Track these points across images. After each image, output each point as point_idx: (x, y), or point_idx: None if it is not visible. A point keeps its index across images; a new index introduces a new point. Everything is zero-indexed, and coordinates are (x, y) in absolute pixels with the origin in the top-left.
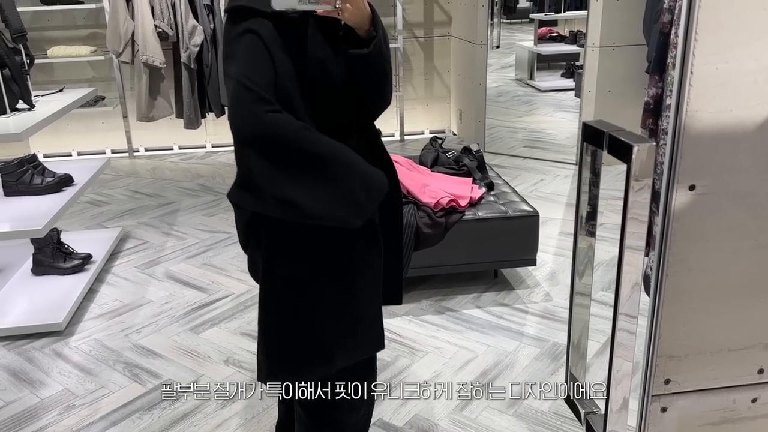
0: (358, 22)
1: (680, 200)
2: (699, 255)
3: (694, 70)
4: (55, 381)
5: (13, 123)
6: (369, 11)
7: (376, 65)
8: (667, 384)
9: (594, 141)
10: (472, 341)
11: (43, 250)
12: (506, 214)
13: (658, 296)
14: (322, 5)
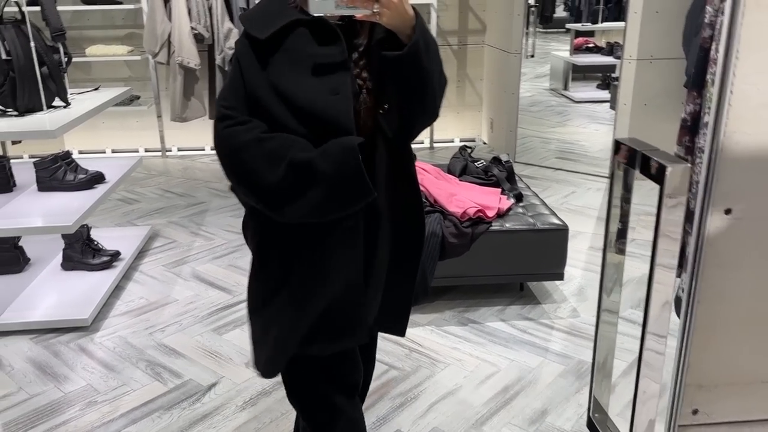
0: (399, 26)
1: (715, 224)
2: (733, 282)
3: (734, 89)
4: (78, 376)
5: (49, 120)
6: (411, 15)
7: (411, 71)
8: (695, 414)
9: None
10: (495, 355)
11: (73, 246)
12: (534, 226)
13: (688, 323)
14: (360, 9)
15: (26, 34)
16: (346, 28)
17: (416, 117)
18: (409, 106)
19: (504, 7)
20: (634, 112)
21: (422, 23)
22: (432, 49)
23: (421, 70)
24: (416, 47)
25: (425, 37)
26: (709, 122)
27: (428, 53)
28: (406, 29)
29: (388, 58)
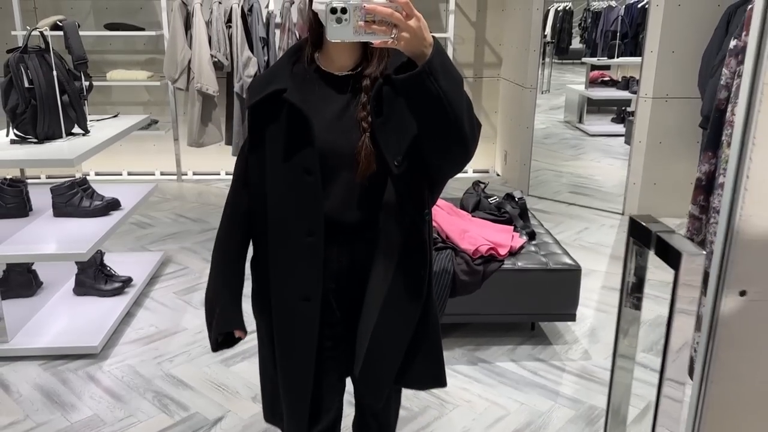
0: (418, 51)
1: (729, 305)
2: (748, 364)
3: (750, 174)
4: (86, 405)
5: (68, 147)
6: (430, 40)
7: (427, 95)
8: None
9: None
10: (505, 397)
11: (85, 271)
12: (547, 266)
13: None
14: (379, 36)
15: (49, 63)
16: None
17: (440, 154)
18: (430, 139)
19: (520, 42)
20: (649, 150)
21: (440, 48)
22: (455, 76)
23: (437, 92)
24: (432, 65)
25: (443, 61)
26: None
27: (446, 77)
28: (425, 55)
29: (400, 81)
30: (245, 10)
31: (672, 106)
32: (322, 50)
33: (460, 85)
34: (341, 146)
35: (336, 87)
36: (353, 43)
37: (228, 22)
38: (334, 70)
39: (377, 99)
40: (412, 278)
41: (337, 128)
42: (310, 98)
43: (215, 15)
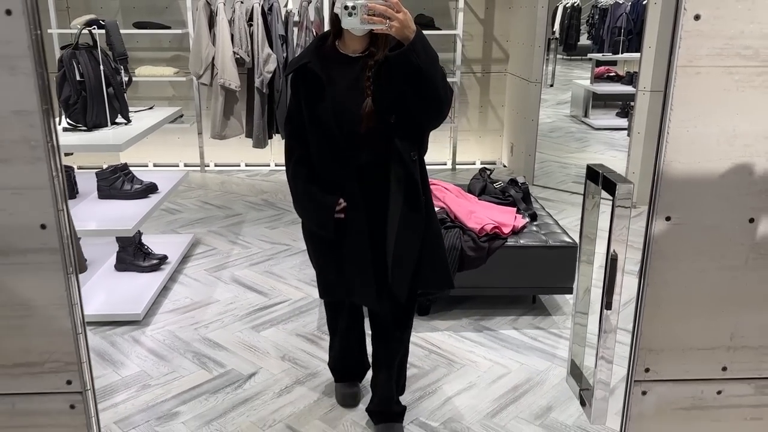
0: (404, 35)
1: (658, 228)
2: (673, 271)
3: (670, 130)
4: (133, 363)
5: (113, 135)
6: (414, 28)
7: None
8: (647, 372)
9: (593, 179)
10: (507, 358)
11: (126, 249)
12: (546, 243)
13: (640, 301)
14: (378, 25)
15: (97, 58)
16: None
17: (420, 111)
18: (415, 102)
19: (526, 38)
20: (647, 141)
21: (421, 34)
22: (430, 54)
23: (419, 66)
24: (414, 45)
25: (423, 43)
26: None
27: (426, 53)
28: (410, 39)
29: (392, 57)
30: (265, 9)
31: None
32: (340, 38)
33: (435, 60)
34: (352, 106)
35: (350, 64)
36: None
37: (249, 20)
38: (348, 52)
39: (378, 74)
40: (413, 197)
41: (349, 93)
42: (331, 72)
43: (237, 14)
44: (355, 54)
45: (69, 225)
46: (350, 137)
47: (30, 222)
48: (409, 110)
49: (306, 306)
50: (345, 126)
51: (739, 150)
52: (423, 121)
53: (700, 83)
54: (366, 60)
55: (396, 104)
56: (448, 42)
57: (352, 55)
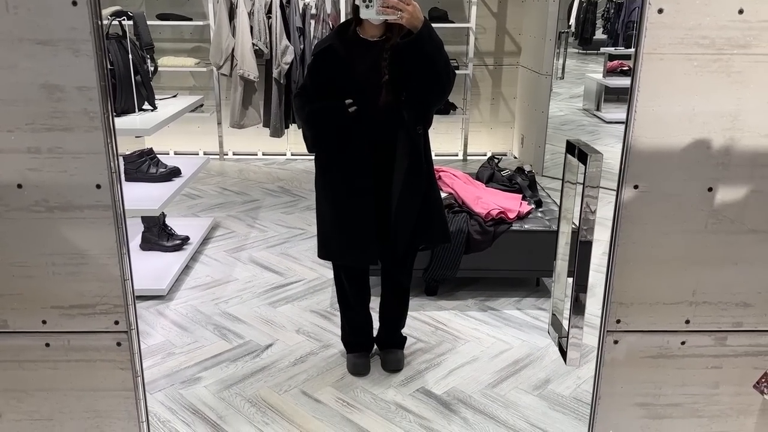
0: (413, 25)
1: (627, 194)
2: (640, 233)
3: (637, 109)
4: (158, 333)
5: (140, 120)
6: (422, 18)
7: (420, 53)
8: (618, 323)
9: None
10: (509, 336)
11: (150, 230)
12: (550, 228)
13: (611, 258)
14: (390, 15)
15: (126, 47)
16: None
17: (426, 90)
18: (421, 82)
19: (537, 31)
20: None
21: (429, 25)
22: (436, 41)
23: (426, 52)
24: (422, 35)
25: (430, 32)
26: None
27: (431, 41)
28: (418, 28)
29: (403, 44)
30: (284, 2)
31: None
32: (361, 25)
33: (440, 47)
34: (370, 82)
35: (369, 48)
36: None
37: (268, 12)
38: (368, 37)
39: (393, 56)
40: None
41: (369, 72)
42: (353, 54)
43: (257, 6)
44: (373, 38)
45: (119, 186)
46: (370, 110)
47: (87, 182)
48: (418, 88)
49: (320, 285)
50: (366, 100)
51: (698, 127)
52: (428, 98)
53: (664, 68)
54: (383, 44)
55: (407, 83)
56: (461, 35)
57: (371, 40)
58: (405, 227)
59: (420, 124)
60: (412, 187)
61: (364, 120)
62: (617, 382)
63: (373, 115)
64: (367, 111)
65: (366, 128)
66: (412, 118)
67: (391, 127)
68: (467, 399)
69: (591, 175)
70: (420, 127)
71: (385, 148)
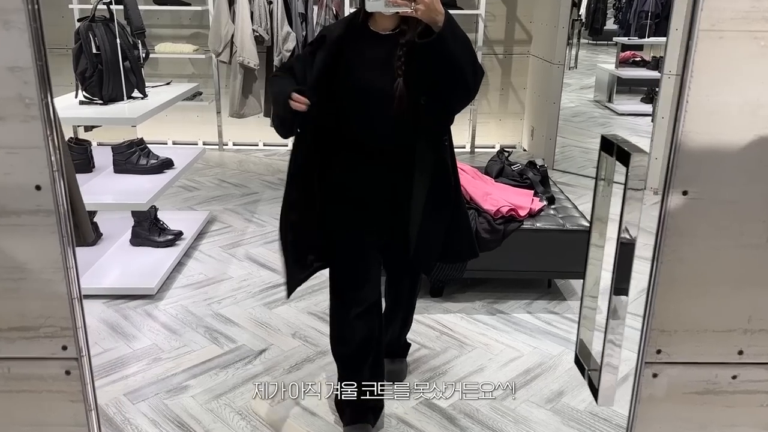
0: (431, 20)
1: (674, 202)
2: (689, 249)
3: (689, 99)
4: (145, 336)
5: (129, 109)
6: (441, 11)
7: (440, 55)
8: (659, 354)
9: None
10: (519, 342)
11: (141, 224)
12: (563, 227)
13: (653, 279)
14: (402, 7)
15: (113, 31)
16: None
17: (449, 96)
18: (443, 87)
19: (549, 19)
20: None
21: (451, 19)
22: (460, 40)
23: (449, 53)
24: (444, 35)
25: (453, 29)
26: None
27: (456, 41)
28: (438, 23)
29: (420, 45)
30: None
31: None
32: (371, 16)
33: (466, 46)
34: (380, 85)
35: (380, 42)
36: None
37: None
38: (379, 30)
39: (410, 54)
40: (443, 182)
41: (377, 72)
42: (362, 49)
43: None
44: (385, 32)
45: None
46: (379, 118)
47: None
48: (440, 93)
49: (318, 284)
50: (374, 106)
51: (763, 121)
52: (452, 102)
53: (723, 49)
54: (397, 38)
55: (427, 87)
56: (470, 22)
57: (382, 33)
58: (428, 253)
59: (446, 133)
60: (437, 209)
61: (372, 131)
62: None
63: (384, 124)
64: (380, 120)
65: (375, 140)
66: (437, 126)
67: (406, 138)
68: (474, 413)
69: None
70: (447, 138)
71: (399, 165)
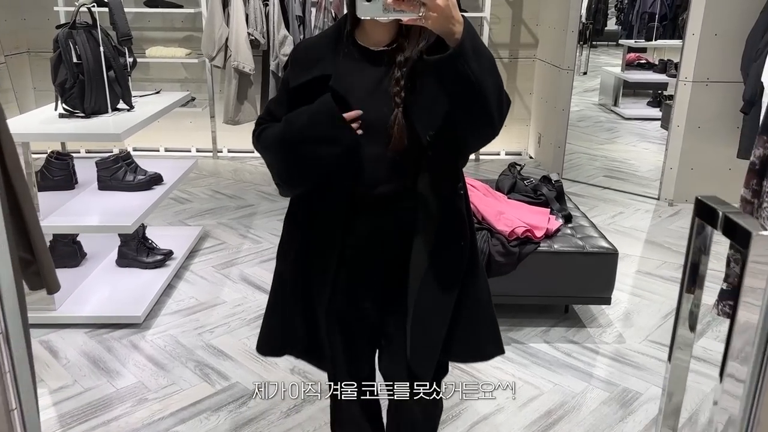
0: (446, 31)
1: None
2: None
3: None
4: (130, 372)
5: (113, 122)
6: (459, 19)
7: (456, 77)
8: None
9: (708, 218)
10: (538, 377)
11: (128, 244)
12: (583, 249)
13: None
14: (408, 13)
15: (96, 38)
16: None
17: (465, 132)
18: (458, 120)
19: (558, 22)
20: (688, 135)
21: (471, 29)
22: (484, 58)
23: (468, 75)
24: (463, 50)
25: (474, 43)
26: None
27: (478, 60)
28: (454, 34)
29: (429, 63)
30: None
31: (713, 91)
32: (359, 25)
33: (490, 66)
34: (373, 119)
35: (371, 61)
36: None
37: (265, 0)
38: (370, 44)
39: (411, 75)
40: (452, 250)
41: (369, 101)
42: (346, 71)
43: None
44: (378, 47)
45: None
46: (370, 159)
47: None
48: (453, 127)
49: None
50: (365, 144)
51: None
52: (469, 140)
53: None
54: (393, 55)
55: (436, 119)
56: (475, 25)
57: (374, 49)
58: (428, 350)
59: (460, 180)
60: (442, 280)
61: (361, 178)
62: None
63: (377, 168)
64: (370, 163)
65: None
66: (448, 171)
67: (406, 186)
68: None
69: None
70: (461, 186)
71: (395, 222)
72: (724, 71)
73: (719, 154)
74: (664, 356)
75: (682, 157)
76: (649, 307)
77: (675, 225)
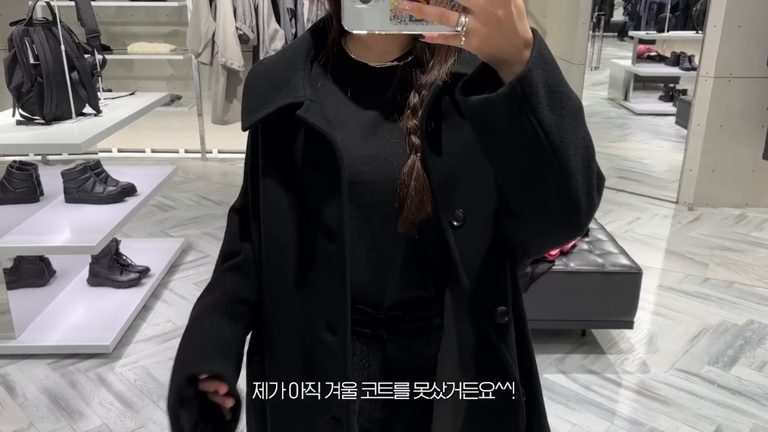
0: (500, 54)
1: None
2: None
3: None
4: (94, 413)
5: (78, 129)
6: (527, 35)
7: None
8: None
9: None
10: (555, 416)
11: (100, 261)
12: (603, 268)
13: None
14: (434, 26)
15: (57, 36)
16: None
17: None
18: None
19: (567, 14)
20: (708, 134)
21: (545, 52)
22: (567, 101)
23: (534, 132)
24: (527, 86)
25: (549, 76)
26: None
27: (556, 105)
28: (514, 64)
29: (470, 105)
30: None
31: (736, 87)
32: (347, 35)
33: (574, 118)
34: (374, 174)
35: (371, 83)
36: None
37: None
38: (369, 59)
39: (436, 107)
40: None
41: (368, 146)
42: (327, 97)
43: None
44: (382, 63)
45: None
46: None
47: None
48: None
49: None
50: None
51: None
52: (533, 240)
53: None
54: (405, 73)
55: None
56: None
57: (376, 66)
58: None
59: (506, 295)
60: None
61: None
62: None
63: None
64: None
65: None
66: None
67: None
68: None
69: None
70: (505, 310)
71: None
72: (748, 66)
73: (743, 154)
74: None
75: (703, 158)
76: (674, 328)
77: (696, 232)
